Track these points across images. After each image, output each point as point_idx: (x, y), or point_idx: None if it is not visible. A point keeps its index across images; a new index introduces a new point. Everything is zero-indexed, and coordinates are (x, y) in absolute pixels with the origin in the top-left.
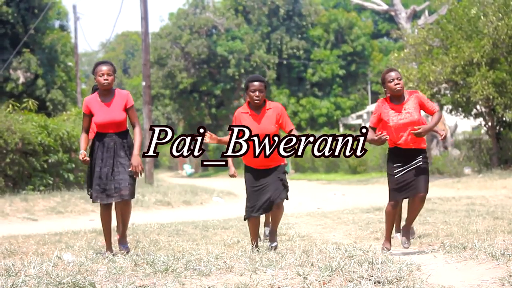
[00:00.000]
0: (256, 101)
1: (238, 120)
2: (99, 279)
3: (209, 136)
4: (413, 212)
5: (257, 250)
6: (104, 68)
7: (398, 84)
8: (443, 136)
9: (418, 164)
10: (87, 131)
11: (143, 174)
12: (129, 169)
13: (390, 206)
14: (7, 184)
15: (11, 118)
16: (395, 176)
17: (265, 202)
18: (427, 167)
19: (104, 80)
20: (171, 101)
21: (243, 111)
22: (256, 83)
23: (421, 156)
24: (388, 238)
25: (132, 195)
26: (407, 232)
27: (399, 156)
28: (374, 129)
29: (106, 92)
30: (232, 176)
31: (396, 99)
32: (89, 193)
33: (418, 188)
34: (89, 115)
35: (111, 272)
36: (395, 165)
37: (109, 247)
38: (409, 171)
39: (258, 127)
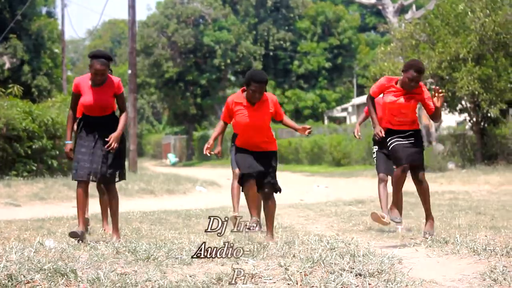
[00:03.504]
0: (253, 101)
1: (231, 109)
2: (80, 266)
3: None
4: (422, 197)
5: (259, 226)
6: (99, 68)
7: (414, 86)
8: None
9: (410, 139)
10: (74, 110)
11: (113, 151)
12: (107, 144)
13: (400, 171)
14: None
15: None
16: (392, 145)
17: (258, 167)
18: (420, 143)
19: (98, 78)
20: (157, 90)
21: (238, 101)
22: (258, 85)
23: (412, 132)
24: (394, 207)
25: (115, 176)
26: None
27: (392, 134)
28: (372, 98)
29: None
30: (216, 154)
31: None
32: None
33: (414, 159)
34: (77, 94)
35: (93, 259)
36: (388, 138)
37: (82, 225)
38: (403, 141)
39: (252, 119)
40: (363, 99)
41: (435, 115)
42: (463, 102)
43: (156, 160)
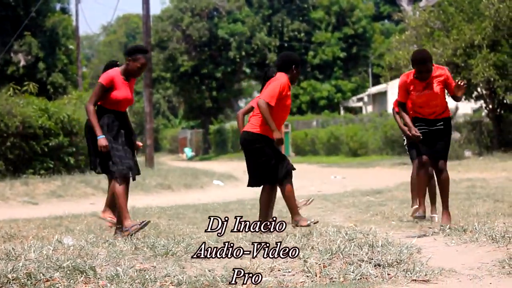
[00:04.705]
0: (297, 79)
1: (287, 90)
2: (99, 263)
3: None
4: (440, 186)
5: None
6: (145, 62)
7: (427, 76)
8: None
9: (438, 127)
10: (96, 104)
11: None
12: (138, 147)
13: (418, 168)
14: (8, 168)
15: (12, 101)
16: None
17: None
18: (448, 132)
19: (141, 73)
20: (172, 84)
21: (289, 84)
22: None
23: (442, 122)
24: (421, 203)
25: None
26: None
27: (420, 123)
28: (403, 103)
29: None
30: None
31: None
32: (95, 168)
33: (436, 151)
34: (108, 89)
35: (111, 256)
36: (416, 127)
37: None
38: (429, 132)
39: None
40: (378, 88)
41: (456, 97)
42: (478, 89)
43: (173, 154)
